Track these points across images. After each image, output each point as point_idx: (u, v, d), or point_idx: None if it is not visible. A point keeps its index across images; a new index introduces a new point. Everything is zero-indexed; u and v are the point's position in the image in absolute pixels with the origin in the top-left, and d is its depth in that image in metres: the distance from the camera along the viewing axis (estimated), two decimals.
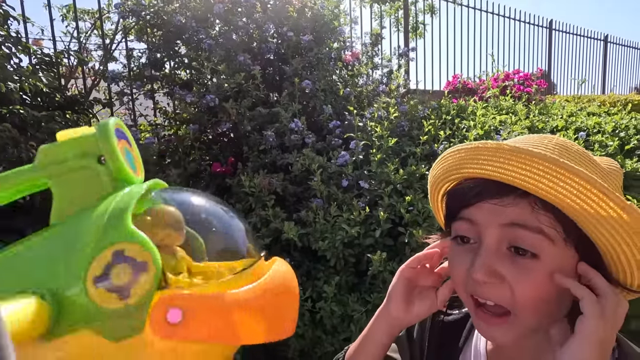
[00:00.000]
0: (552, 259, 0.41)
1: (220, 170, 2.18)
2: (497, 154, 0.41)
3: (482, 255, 0.42)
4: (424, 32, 5.15)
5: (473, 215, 0.44)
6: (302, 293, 1.62)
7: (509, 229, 0.41)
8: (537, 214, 0.40)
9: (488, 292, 0.42)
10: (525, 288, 0.41)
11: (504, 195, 0.42)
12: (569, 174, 0.38)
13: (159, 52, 2.73)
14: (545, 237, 0.40)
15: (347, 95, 2.42)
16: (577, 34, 7.67)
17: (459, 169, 0.45)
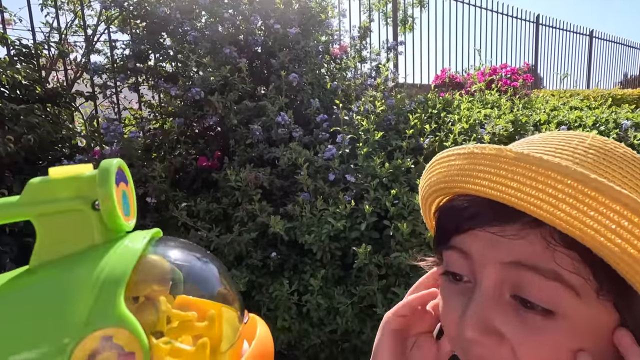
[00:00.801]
0: (575, 319, 0.28)
1: (206, 164, 2.17)
2: (496, 163, 0.28)
3: (475, 304, 0.31)
4: (413, 25, 5.15)
5: (466, 245, 0.33)
6: (288, 286, 1.63)
7: (512, 270, 0.30)
8: (554, 252, 0.28)
9: (481, 355, 0.31)
10: (534, 350, 0.29)
11: (506, 223, 0.30)
12: (604, 199, 0.25)
13: (143, 44, 2.68)
14: (565, 286, 0.28)
15: (335, 89, 2.42)
16: (563, 28, 7.77)
17: (449, 183, 0.33)
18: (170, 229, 2.04)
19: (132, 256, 0.23)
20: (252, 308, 1.80)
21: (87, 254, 0.23)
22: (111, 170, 0.24)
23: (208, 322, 0.26)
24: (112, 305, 0.21)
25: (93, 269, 0.22)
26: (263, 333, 0.30)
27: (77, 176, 0.24)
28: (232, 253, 1.76)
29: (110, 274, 0.22)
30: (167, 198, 1.98)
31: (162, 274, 0.25)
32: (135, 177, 1.97)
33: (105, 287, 0.21)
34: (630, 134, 1.73)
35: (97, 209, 0.24)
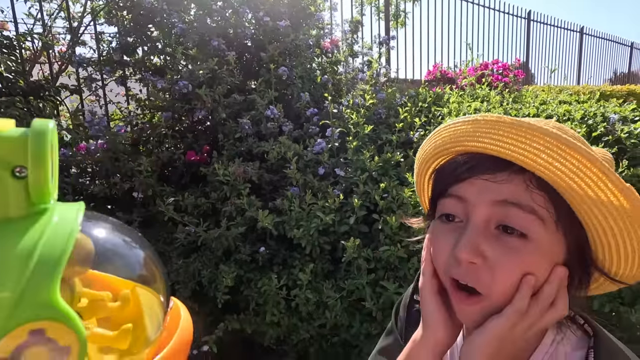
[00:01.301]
0: (541, 242, 0.39)
1: (194, 158, 2.14)
2: (496, 126, 0.39)
3: (469, 233, 0.40)
4: (405, 20, 5.13)
5: (463, 191, 0.42)
6: (277, 281, 1.62)
7: (500, 207, 0.39)
8: (531, 193, 0.38)
9: (468, 274, 0.40)
10: (508, 268, 0.39)
11: (498, 171, 0.40)
12: (569, 150, 0.36)
13: (130, 37, 2.62)
14: (537, 217, 0.38)
15: (325, 83, 2.40)
16: (554, 25, 7.82)
17: (454, 143, 0.43)
18: (158, 224, 2.01)
19: (69, 234, 0.20)
20: (241, 303, 1.78)
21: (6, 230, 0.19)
22: (47, 133, 0.20)
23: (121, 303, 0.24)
24: (47, 293, 0.18)
25: (20, 249, 0.18)
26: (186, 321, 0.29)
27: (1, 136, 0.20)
28: (220, 248, 1.74)
29: (46, 255, 0.18)
30: (155, 193, 1.95)
31: (87, 254, 0.23)
32: (121, 172, 1.93)
33: (38, 270, 0.18)
34: (618, 127, 1.74)
35: (18, 176, 0.20)
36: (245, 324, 1.70)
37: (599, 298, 1.39)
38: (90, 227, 0.25)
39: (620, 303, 1.39)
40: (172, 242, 1.86)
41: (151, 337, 0.25)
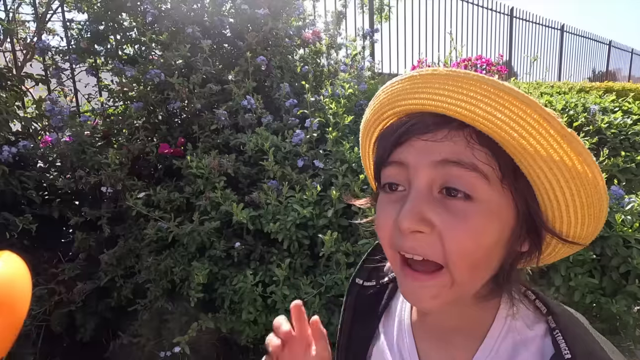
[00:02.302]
0: (487, 202, 0.35)
1: (168, 151, 2.03)
2: (431, 80, 0.35)
3: (410, 201, 0.36)
4: (389, 14, 5.09)
5: (402, 156, 0.38)
6: (252, 278, 1.55)
7: (441, 168, 0.36)
8: (472, 149, 0.35)
9: (415, 245, 0.37)
10: (457, 235, 0.35)
11: (437, 129, 0.36)
12: (507, 97, 0.33)
13: (100, 25, 2.49)
14: (480, 174, 0.35)
15: (305, 73, 2.32)
16: (536, 22, 7.92)
17: (391, 105, 0.39)
18: (129, 220, 1.91)
19: None
20: (217, 301, 1.70)
21: None
22: None
23: None
24: None
25: None
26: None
27: None
28: (193, 244, 1.66)
29: None
30: (124, 187, 1.84)
31: None
32: (87, 165, 1.81)
33: None
34: (598, 118, 1.73)
35: None
36: (220, 323, 1.63)
37: (580, 289, 1.37)
38: None
39: (602, 294, 1.37)
40: (143, 238, 1.76)
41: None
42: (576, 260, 1.34)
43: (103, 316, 1.91)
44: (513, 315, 0.42)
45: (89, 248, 1.86)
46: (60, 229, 2.03)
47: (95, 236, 1.87)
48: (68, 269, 1.79)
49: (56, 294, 1.83)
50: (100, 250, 1.81)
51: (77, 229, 1.83)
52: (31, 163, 1.98)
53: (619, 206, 1.38)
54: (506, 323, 0.42)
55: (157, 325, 1.84)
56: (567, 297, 1.39)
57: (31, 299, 0.31)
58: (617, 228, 1.32)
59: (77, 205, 1.94)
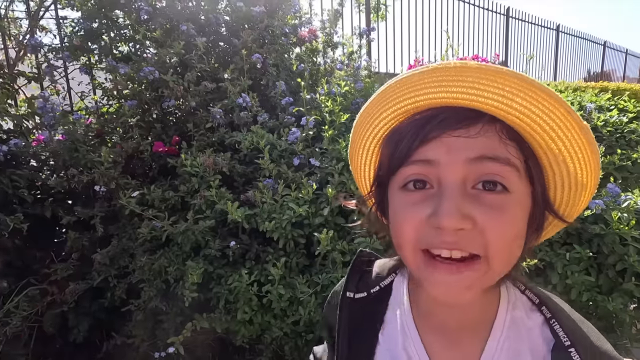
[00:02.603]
0: (519, 194, 0.37)
1: (162, 150, 2.01)
2: (463, 72, 0.34)
3: (448, 198, 0.35)
4: (385, 14, 5.09)
5: (431, 154, 0.37)
6: (247, 277, 1.53)
7: (476, 164, 0.36)
8: (505, 144, 0.36)
9: (457, 241, 0.35)
10: (499, 227, 0.35)
11: (470, 124, 0.36)
12: (540, 92, 0.34)
13: (94, 22, 2.46)
14: (513, 168, 0.36)
15: (302, 71, 2.31)
16: (532, 22, 7.96)
17: (413, 95, 0.37)
18: (123, 219, 1.88)
19: None
20: (212, 301, 1.69)
21: None
22: None
23: None
24: None
25: None
26: None
27: None
28: (187, 243, 1.64)
29: None
30: (118, 186, 1.82)
31: None
32: (80, 163, 1.79)
33: None
34: (594, 116, 1.73)
35: None
36: (215, 323, 1.61)
37: (577, 287, 1.37)
38: None
39: (598, 292, 1.37)
40: (137, 238, 1.74)
41: None
42: (573, 258, 1.34)
43: (96, 317, 1.89)
44: (514, 306, 0.43)
45: (82, 248, 1.84)
46: (53, 229, 2.00)
47: (88, 236, 1.85)
48: (60, 269, 1.77)
49: (48, 295, 1.81)
50: (94, 250, 1.79)
51: (70, 229, 1.81)
52: (23, 162, 1.96)
53: (616, 204, 1.38)
54: (508, 314, 0.43)
55: (152, 325, 1.82)
56: (564, 295, 1.39)
57: (22, 300, 0.29)
58: (613, 226, 1.32)
59: (70, 205, 1.92)
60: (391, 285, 0.52)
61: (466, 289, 0.37)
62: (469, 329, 0.43)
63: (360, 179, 0.49)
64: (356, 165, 0.48)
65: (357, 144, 0.46)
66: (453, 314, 0.44)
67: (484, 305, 0.43)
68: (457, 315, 0.44)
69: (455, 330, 0.44)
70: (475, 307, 0.43)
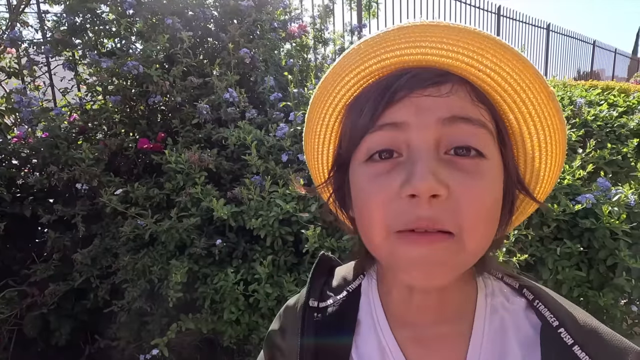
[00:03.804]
0: (494, 160, 0.34)
1: (147, 146, 1.96)
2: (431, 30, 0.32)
3: (421, 161, 0.31)
4: (377, 12, 5.07)
5: (399, 115, 0.33)
6: (234, 276, 1.49)
7: (449, 126, 0.32)
8: (477, 106, 0.33)
9: (433, 213, 0.31)
10: (476, 196, 0.32)
11: (441, 83, 0.33)
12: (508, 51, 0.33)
13: (77, 16, 2.40)
14: (488, 131, 0.34)
15: (291, 67, 2.27)
16: (523, 21, 8.01)
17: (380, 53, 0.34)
18: (106, 218, 1.83)
19: None
20: (198, 301, 1.64)
21: None
22: None
23: None
24: None
25: None
26: None
27: None
28: (172, 242, 1.59)
29: None
30: (101, 184, 1.77)
31: None
32: (61, 160, 1.73)
33: None
34: (584, 110, 1.72)
35: None
36: (201, 324, 1.57)
37: (568, 282, 1.35)
38: None
39: (589, 287, 1.36)
40: (121, 237, 1.69)
41: None
42: (563, 253, 1.33)
43: (79, 319, 1.83)
44: (492, 294, 0.41)
45: (63, 248, 1.78)
46: (33, 228, 1.94)
47: (70, 235, 1.79)
48: (41, 269, 1.71)
49: (28, 297, 1.75)
50: (75, 250, 1.73)
51: (51, 228, 1.75)
52: (2, 159, 1.89)
53: (606, 198, 1.37)
54: (487, 304, 0.40)
55: (137, 327, 1.77)
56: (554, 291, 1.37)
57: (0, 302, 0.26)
58: (604, 220, 1.30)
59: (51, 203, 1.86)
60: (359, 289, 0.46)
61: (441, 265, 0.32)
62: (448, 324, 0.40)
63: (316, 164, 0.44)
64: (311, 148, 0.43)
65: (314, 122, 0.41)
66: (429, 308, 0.40)
67: (461, 298, 0.40)
68: (433, 309, 0.40)
69: (434, 330, 0.40)
70: (451, 298, 0.40)
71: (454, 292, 0.40)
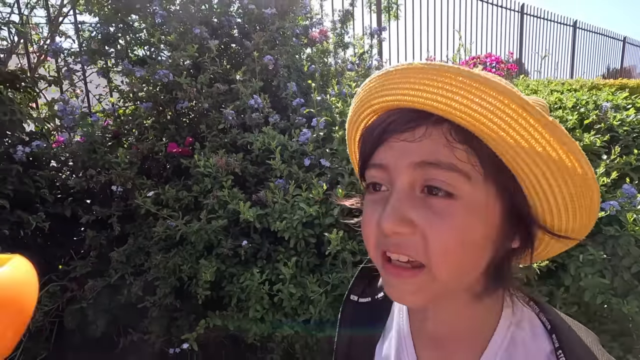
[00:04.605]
0: (469, 200, 0.34)
1: (176, 150, 2.06)
2: (406, 74, 0.35)
3: (391, 202, 0.36)
4: (397, 13, 5.07)
5: (383, 157, 0.38)
6: (259, 276, 1.56)
7: (420, 169, 0.35)
8: (452, 148, 0.34)
9: (399, 246, 0.36)
10: (439, 233, 0.34)
11: (415, 127, 0.35)
12: (484, 87, 0.32)
13: (111, 26, 2.54)
14: (460, 174, 0.34)
15: (313, 72, 2.33)
16: (548, 19, 7.78)
17: (369, 102, 0.39)
18: (139, 218, 1.94)
19: None
20: (225, 299, 1.72)
21: None
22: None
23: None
24: None
25: None
26: (5, 275, 0.23)
27: None
28: (200, 242, 1.68)
29: None
30: (134, 186, 1.87)
31: None
32: (98, 164, 1.85)
33: None
34: (610, 115, 1.70)
35: None
36: (227, 321, 1.64)
37: (591, 289, 1.35)
38: None
39: (613, 295, 1.35)
40: (152, 236, 1.79)
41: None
42: (586, 260, 1.32)
43: (113, 313, 1.95)
44: (518, 324, 0.40)
45: (100, 246, 1.90)
46: (72, 227, 2.07)
47: (105, 234, 1.91)
48: (80, 266, 1.83)
49: (68, 291, 1.87)
50: (111, 248, 1.85)
51: (89, 227, 1.87)
52: (44, 163, 2.03)
53: (631, 205, 1.36)
54: (509, 332, 0.40)
55: (167, 322, 1.87)
56: (576, 298, 1.37)
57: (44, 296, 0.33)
58: (628, 227, 1.29)
59: (89, 204, 1.98)
60: None
61: (412, 294, 0.37)
62: (463, 342, 0.42)
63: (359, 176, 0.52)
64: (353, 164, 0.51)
65: (348, 146, 0.49)
66: (442, 321, 0.43)
67: (478, 314, 0.41)
68: (444, 324, 0.43)
69: (448, 342, 0.43)
70: (465, 314, 0.41)
71: (467, 306, 0.41)
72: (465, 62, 4.05)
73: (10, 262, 0.24)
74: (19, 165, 1.76)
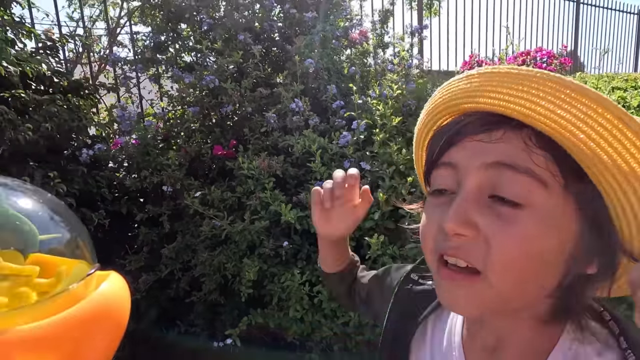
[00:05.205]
0: (542, 210, 0.32)
1: (221, 153, 2.15)
2: (489, 78, 0.34)
3: (457, 202, 0.34)
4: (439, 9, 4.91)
5: (454, 157, 0.37)
6: (300, 277, 1.59)
7: (493, 170, 0.33)
8: (530, 152, 0.32)
9: (458, 249, 0.34)
10: (503, 240, 0.32)
11: (492, 130, 0.34)
12: (575, 94, 0.30)
13: (162, 35, 2.70)
14: (536, 179, 0.32)
15: (353, 74, 2.33)
16: (608, 7, 7.16)
17: (446, 104, 0.38)
18: (186, 217, 2.05)
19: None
20: (266, 297, 1.77)
21: None
22: None
23: (55, 279, 0.23)
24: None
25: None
26: (106, 291, 0.25)
27: None
28: (244, 242, 1.74)
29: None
30: (183, 186, 1.98)
31: None
32: (151, 166, 1.97)
33: None
34: None
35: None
36: (268, 319, 1.69)
37: None
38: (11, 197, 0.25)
39: None
40: (199, 235, 1.88)
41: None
42: None
43: (163, 306, 2.07)
44: (580, 339, 0.37)
45: (151, 242, 2.03)
46: (127, 224, 2.23)
47: (157, 231, 2.04)
48: (134, 260, 1.97)
49: None
50: (162, 244, 1.97)
51: (142, 225, 2.01)
52: (104, 164, 2.21)
53: None
54: (571, 349, 0.37)
55: (211, 317, 1.96)
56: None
57: None
58: None
59: (142, 203, 2.13)
60: None
61: (465, 299, 0.35)
62: (516, 355, 0.39)
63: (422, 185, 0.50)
64: (417, 171, 0.50)
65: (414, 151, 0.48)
66: (497, 334, 0.41)
67: (537, 334, 0.38)
68: (492, 334, 0.41)
69: (498, 352, 0.41)
70: (524, 334, 0.39)
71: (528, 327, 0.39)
72: (514, 58, 3.84)
73: (109, 279, 0.27)
74: (83, 166, 1.92)
